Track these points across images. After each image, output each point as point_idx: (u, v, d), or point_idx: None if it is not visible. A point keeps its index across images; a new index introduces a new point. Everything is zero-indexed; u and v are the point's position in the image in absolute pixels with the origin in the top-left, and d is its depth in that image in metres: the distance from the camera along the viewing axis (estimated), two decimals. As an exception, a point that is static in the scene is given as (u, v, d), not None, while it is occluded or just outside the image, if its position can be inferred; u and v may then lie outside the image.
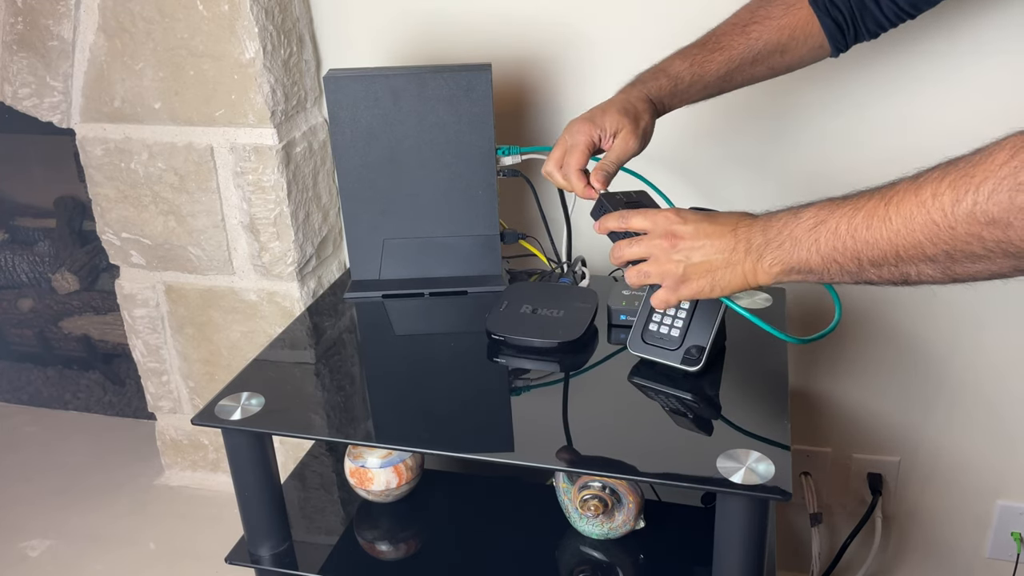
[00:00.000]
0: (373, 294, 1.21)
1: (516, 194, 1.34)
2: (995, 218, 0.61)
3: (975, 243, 0.64)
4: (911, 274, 0.70)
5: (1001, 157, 0.61)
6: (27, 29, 1.32)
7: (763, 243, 0.79)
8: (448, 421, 0.94)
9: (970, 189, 0.62)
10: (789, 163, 1.24)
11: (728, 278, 0.82)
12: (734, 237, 0.81)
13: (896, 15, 0.95)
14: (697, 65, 0.99)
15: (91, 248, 1.81)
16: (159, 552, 1.51)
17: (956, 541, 1.39)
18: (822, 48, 0.99)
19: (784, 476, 0.79)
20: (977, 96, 1.12)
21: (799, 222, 0.76)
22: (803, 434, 1.39)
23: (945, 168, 0.65)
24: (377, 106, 1.15)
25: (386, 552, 1.05)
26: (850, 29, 0.97)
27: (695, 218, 0.84)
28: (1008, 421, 1.29)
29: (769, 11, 0.98)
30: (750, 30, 0.98)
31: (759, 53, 0.99)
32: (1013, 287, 1.21)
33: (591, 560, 1.00)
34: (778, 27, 0.98)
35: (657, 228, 0.85)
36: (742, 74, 1.01)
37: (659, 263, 0.85)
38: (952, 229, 0.64)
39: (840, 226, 0.72)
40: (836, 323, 0.91)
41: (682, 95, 1.01)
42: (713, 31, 1.01)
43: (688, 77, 0.99)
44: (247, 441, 0.96)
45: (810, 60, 1.01)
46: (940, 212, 0.64)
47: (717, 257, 0.82)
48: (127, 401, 1.89)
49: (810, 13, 0.97)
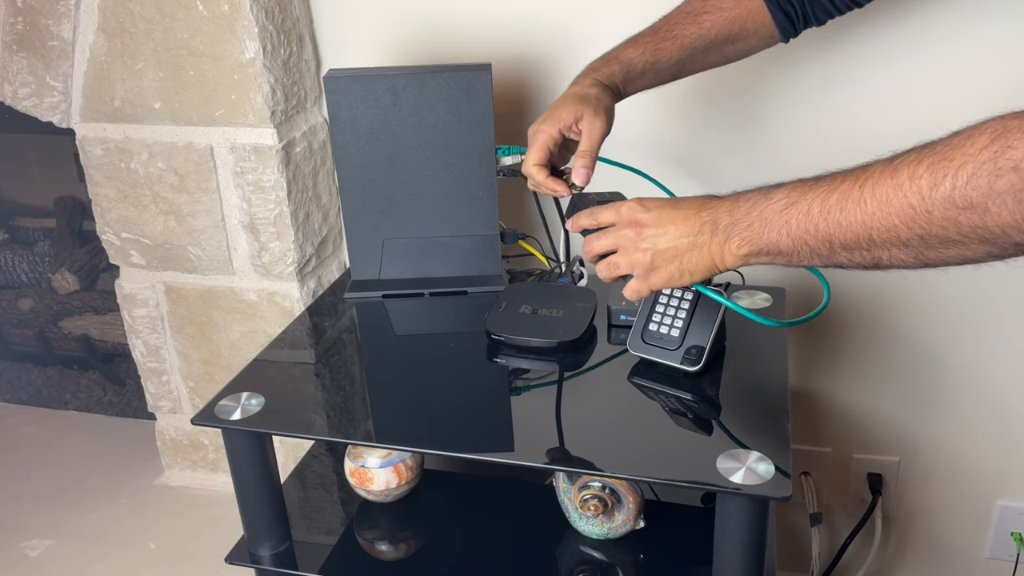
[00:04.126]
0: (373, 294, 1.21)
1: (516, 194, 1.34)
2: (973, 203, 0.61)
3: (951, 228, 0.63)
4: (883, 258, 0.69)
5: (981, 141, 0.60)
6: (27, 29, 1.32)
7: (730, 223, 0.78)
8: (448, 421, 0.94)
9: (948, 173, 0.62)
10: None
11: (696, 261, 0.81)
12: (698, 220, 0.80)
13: (845, 4, 0.97)
14: (649, 53, 1.00)
15: (91, 248, 1.81)
16: (159, 552, 1.51)
17: (956, 541, 1.39)
18: (772, 37, 1.01)
19: (784, 476, 0.79)
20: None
21: (769, 203, 0.75)
22: (803, 434, 1.39)
23: (922, 151, 0.65)
24: (377, 106, 1.15)
25: (386, 552, 1.05)
26: (800, 19, 0.99)
27: (657, 204, 0.84)
28: (1008, 421, 1.29)
29: (720, 2, 0.99)
30: (702, 19, 0.99)
31: (711, 42, 1.00)
32: (1013, 288, 1.21)
33: (591, 560, 1.00)
34: (729, 18, 0.99)
35: (622, 219, 0.85)
36: (694, 62, 1.02)
37: (627, 253, 0.84)
38: (929, 213, 0.63)
39: (813, 208, 0.71)
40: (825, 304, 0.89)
41: (636, 81, 1.01)
42: (665, 19, 1.02)
43: (640, 64, 1.00)
44: (247, 441, 0.96)
45: (761, 48, 1.03)
46: (917, 196, 0.64)
47: (682, 241, 0.81)
48: (127, 401, 1.89)
49: (760, 4, 0.98)
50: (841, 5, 0.97)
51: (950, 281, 1.23)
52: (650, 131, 1.27)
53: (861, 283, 1.27)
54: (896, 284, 1.25)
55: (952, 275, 1.21)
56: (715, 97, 1.23)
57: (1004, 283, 1.21)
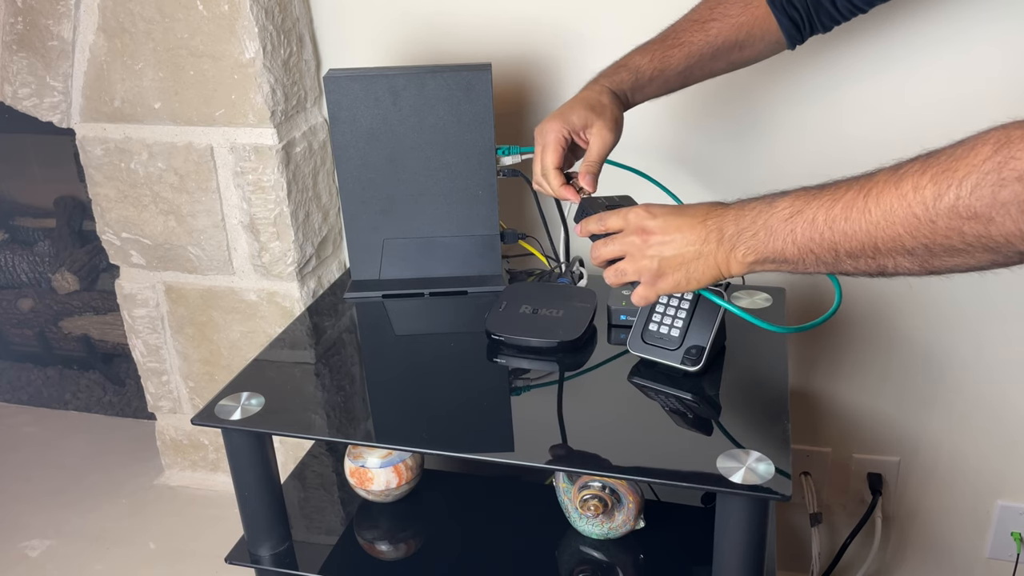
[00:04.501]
0: (373, 294, 1.21)
1: (516, 194, 1.34)
2: (977, 213, 0.61)
3: (955, 237, 0.63)
4: (888, 266, 0.70)
5: (984, 152, 0.61)
6: (27, 29, 1.32)
7: (736, 232, 0.79)
8: (448, 421, 0.94)
9: (952, 184, 0.62)
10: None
11: (702, 269, 0.82)
12: (704, 228, 0.81)
13: (849, 10, 0.97)
14: (658, 60, 1.01)
15: (91, 248, 1.81)
16: (159, 552, 1.51)
17: (956, 541, 1.39)
18: (779, 43, 1.01)
19: (784, 476, 0.80)
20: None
21: (774, 211, 0.76)
22: (803, 434, 1.39)
23: (926, 160, 0.65)
24: (377, 106, 1.15)
25: (386, 552, 1.05)
26: (806, 25, 0.99)
27: (664, 212, 0.85)
28: (1008, 421, 1.29)
29: (727, 9, 1.00)
30: (709, 27, 1.00)
31: (718, 49, 1.00)
32: (1014, 287, 1.21)
33: (591, 560, 1.00)
34: (736, 24, 0.99)
35: (629, 226, 0.86)
36: (702, 69, 1.02)
37: (634, 260, 0.85)
38: (933, 223, 0.64)
39: (818, 217, 0.72)
40: (836, 308, 0.90)
41: (644, 89, 1.02)
42: (673, 27, 1.03)
43: (649, 72, 1.01)
44: (247, 441, 0.96)
45: (768, 54, 1.03)
46: (921, 206, 0.64)
47: (689, 249, 0.82)
48: (127, 401, 1.89)
49: (767, 11, 0.99)
50: (845, 11, 0.97)
51: (951, 282, 1.23)
52: (655, 134, 1.27)
53: (862, 284, 1.26)
54: (897, 285, 1.25)
55: (953, 277, 1.20)
56: (721, 101, 1.23)
57: (1004, 284, 1.21)
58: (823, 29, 1.00)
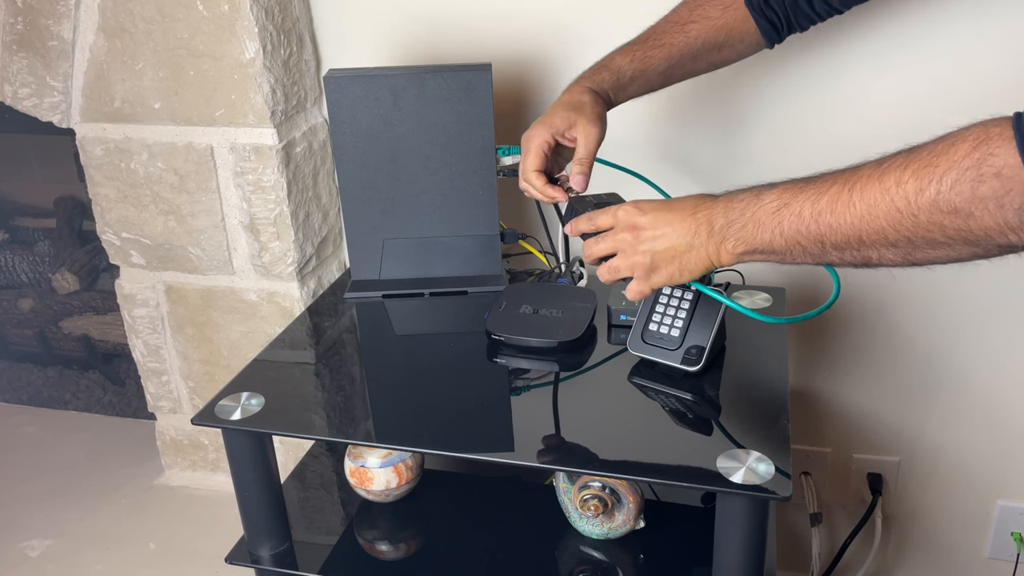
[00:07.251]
0: (373, 294, 1.21)
1: (516, 194, 1.33)
2: (957, 208, 0.63)
3: (936, 231, 0.65)
4: (872, 258, 0.72)
5: (964, 148, 0.63)
6: (27, 29, 1.32)
7: (725, 224, 0.80)
8: (448, 421, 0.94)
9: (933, 179, 0.64)
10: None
11: (694, 261, 0.84)
12: (694, 220, 0.83)
13: (826, 11, 0.98)
14: (639, 61, 1.02)
15: (91, 248, 1.81)
16: (159, 552, 1.51)
17: (956, 541, 1.39)
18: (758, 44, 1.03)
19: (784, 476, 0.80)
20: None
21: (761, 204, 0.77)
22: (803, 434, 1.39)
23: (908, 155, 0.67)
24: (377, 106, 1.15)
25: (386, 552, 1.05)
26: (784, 26, 1.00)
27: (653, 207, 0.86)
28: (1008, 421, 1.29)
29: (707, 11, 1.01)
30: (689, 28, 1.01)
31: (698, 50, 1.02)
32: (1014, 289, 1.21)
33: (591, 560, 1.00)
34: (715, 27, 1.01)
35: (619, 223, 0.88)
36: (683, 69, 1.04)
37: (627, 256, 0.87)
38: (915, 217, 0.66)
39: (804, 210, 0.74)
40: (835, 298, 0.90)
41: (626, 88, 1.03)
42: (653, 28, 1.04)
43: (630, 72, 1.02)
44: (247, 441, 0.96)
45: (748, 54, 1.05)
46: (903, 200, 0.66)
47: (680, 242, 0.84)
48: (127, 401, 1.89)
49: (746, 13, 1.00)
50: (823, 12, 0.98)
51: (951, 282, 1.23)
52: (643, 131, 1.27)
53: (862, 283, 1.27)
54: (897, 285, 1.25)
55: (953, 276, 1.21)
56: (706, 98, 1.23)
57: (1005, 284, 1.21)
58: (800, 29, 1.01)
